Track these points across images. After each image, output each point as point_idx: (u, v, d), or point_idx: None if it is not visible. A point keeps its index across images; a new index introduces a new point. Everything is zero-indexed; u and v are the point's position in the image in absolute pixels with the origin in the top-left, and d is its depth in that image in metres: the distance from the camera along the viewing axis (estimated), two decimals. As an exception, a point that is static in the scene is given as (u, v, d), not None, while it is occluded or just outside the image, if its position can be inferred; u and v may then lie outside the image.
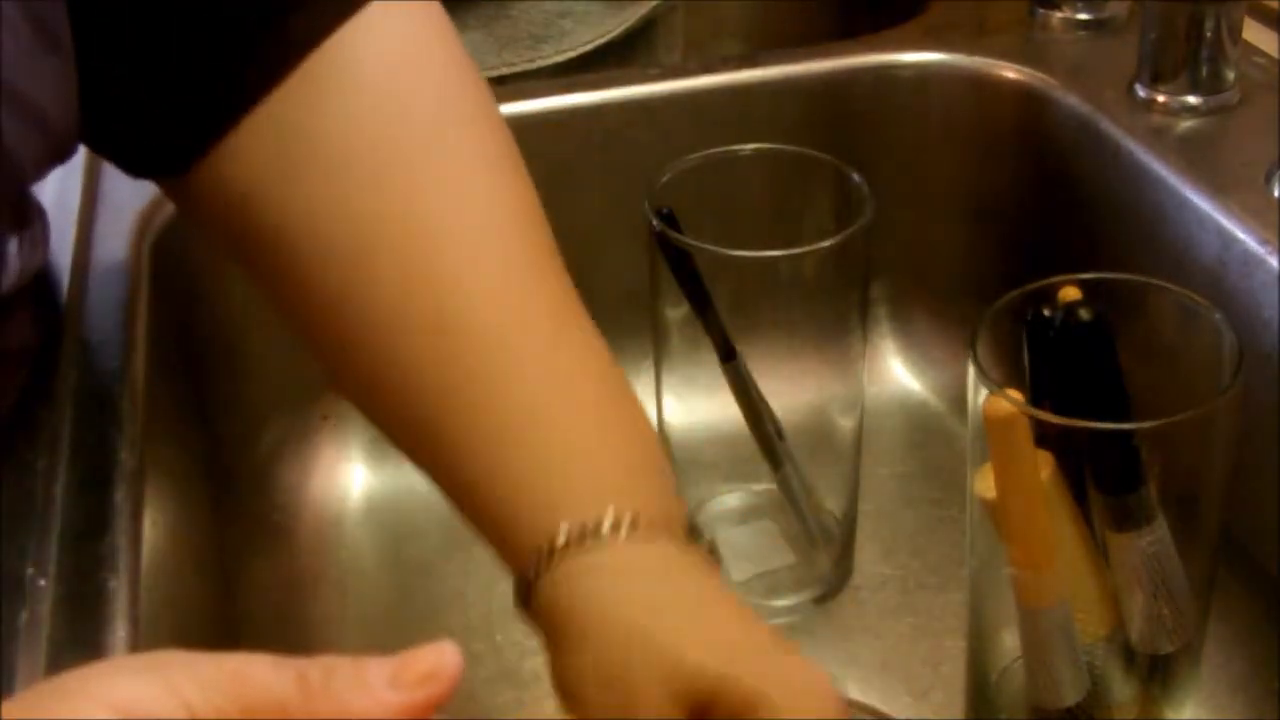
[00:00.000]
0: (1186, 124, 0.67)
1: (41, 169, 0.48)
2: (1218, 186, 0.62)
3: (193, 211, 0.52)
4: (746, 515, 0.68)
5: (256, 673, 0.31)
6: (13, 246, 0.47)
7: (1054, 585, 0.49)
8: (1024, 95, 0.73)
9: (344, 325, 0.48)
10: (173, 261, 0.65)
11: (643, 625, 0.42)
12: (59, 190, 0.64)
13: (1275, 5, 0.75)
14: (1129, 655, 0.51)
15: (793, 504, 0.65)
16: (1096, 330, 0.46)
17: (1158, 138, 0.66)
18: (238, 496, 0.71)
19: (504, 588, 0.67)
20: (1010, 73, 0.74)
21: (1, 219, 0.46)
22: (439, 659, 0.34)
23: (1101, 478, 0.48)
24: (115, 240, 0.63)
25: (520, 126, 0.72)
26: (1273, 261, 0.58)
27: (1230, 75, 0.68)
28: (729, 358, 0.61)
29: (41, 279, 0.58)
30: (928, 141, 0.76)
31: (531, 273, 0.48)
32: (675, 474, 0.65)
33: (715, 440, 0.64)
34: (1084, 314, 0.46)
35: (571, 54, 0.85)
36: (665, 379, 0.63)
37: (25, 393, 0.52)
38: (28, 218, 0.49)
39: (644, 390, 0.65)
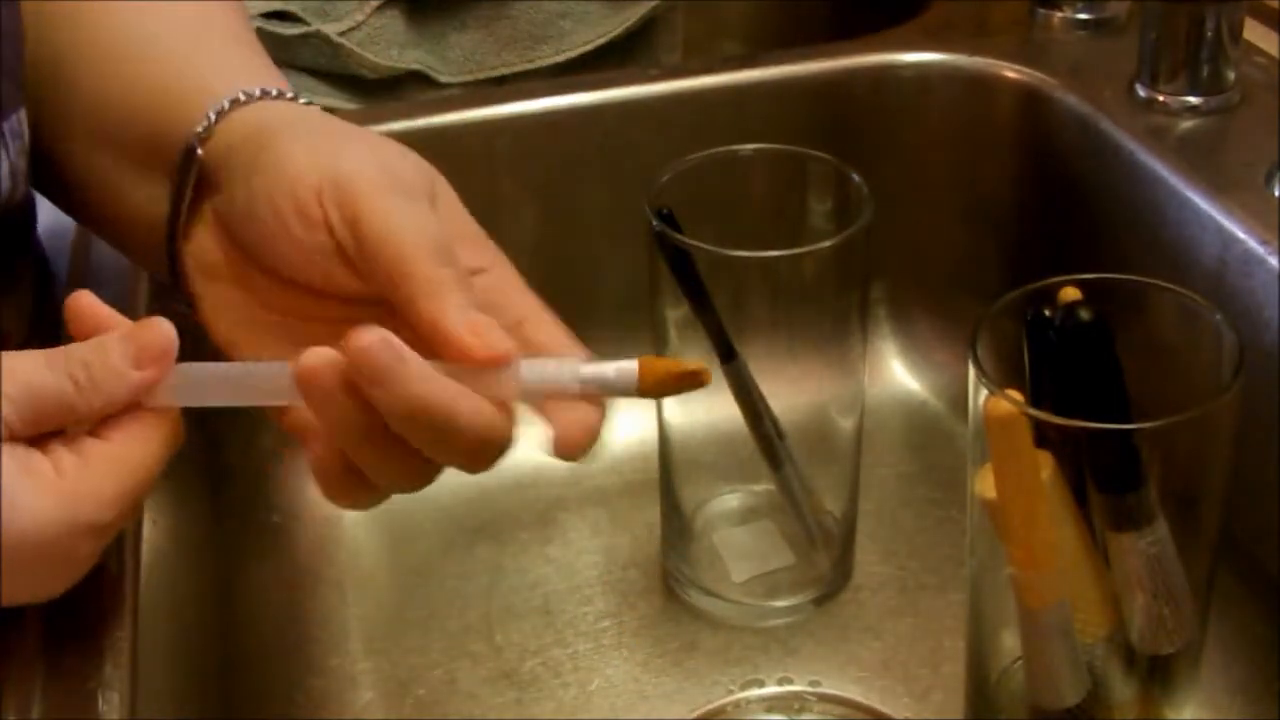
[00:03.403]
0: (1186, 124, 0.67)
1: None
2: (1218, 186, 0.62)
3: None
4: (746, 515, 0.68)
5: (38, 379, 0.40)
6: None
7: (1054, 585, 0.49)
8: (1024, 95, 0.73)
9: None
10: (173, 261, 0.65)
11: (354, 133, 0.46)
12: (59, 190, 0.64)
13: (1275, 5, 0.75)
14: (1129, 656, 0.51)
15: (792, 504, 0.65)
16: (1096, 330, 0.46)
17: (1158, 138, 0.66)
18: (237, 496, 0.71)
19: (504, 588, 0.68)
20: (1010, 73, 0.74)
21: None
22: (158, 337, 0.42)
23: (1101, 478, 0.48)
24: (115, 240, 0.63)
25: (520, 126, 0.73)
26: (1273, 261, 0.58)
27: (1230, 75, 0.68)
28: (729, 358, 0.61)
29: (41, 278, 0.58)
30: (928, 141, 0.76)
31: None
32: (675, 474, 0.65)
33: (715, 440, 0.64)
34: (1084, 314, 0.46)
35: (571, 54, 0.85)
36: (665, 379, 0.63)
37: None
38: None
39: (644, 390, 0.65)
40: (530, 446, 0.43)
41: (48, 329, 0.56)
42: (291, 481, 0.72)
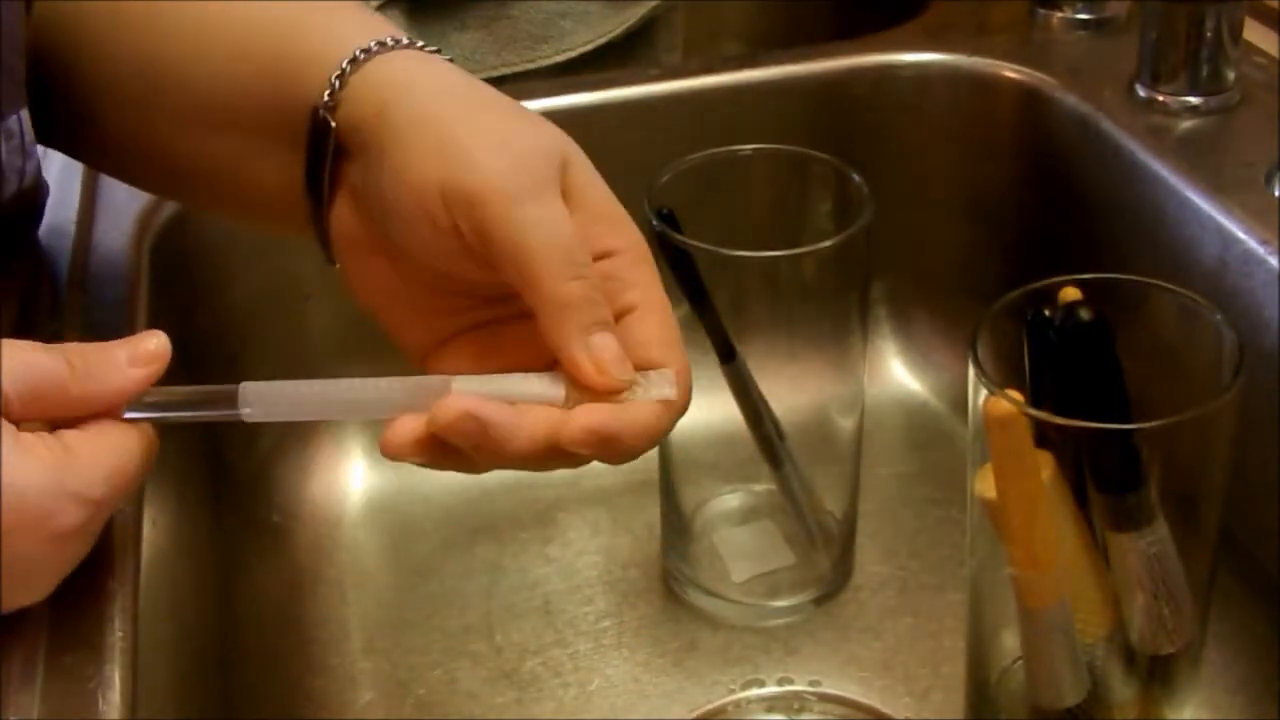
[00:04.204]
0: (1186, 124, 0.67)
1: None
2: (1218, 186, 0.62)
3: None
4: (746, 515, 0.68)
5: (37, 361, 0.41)
6: None
7: (1054, 585, 0.49)
8: (1024, 95, 0.73)
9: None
10: (173, 261, 0.65)
11: (480, 106, 0.46)
12: (59, 190, 0.64)
13: (1275, 5, 0.75)
14: (1129, 656, 0.51)
15: (793, 504, 0.65)
16: (1096, 330, 0.46)
17: (1158, 138, 0.66)
18: (238, 496, 0.71)
19: (504, 587, 0.68)
20: (1010, 73, 0.74)
21: None
22: (157, 344, 0.43)
23: (1101, 478, 0.48)
24: (115, 240, 0.63)
25: (520, 126, 0.73)
26: (1273, 261, 0.58)
27: (1230, 75, 0.68)
28: (729, 358, 0.61)
29: (41, 277, 0.58)
30: (928, 141, 0.76)
31: None
32: (675, 474, 0.65)
33: (715, 440, 0.64)
34: (1084, 314, 0.46)
35: (571, 54, 0.85)
36: (665, 379, 0.63)
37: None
38: None
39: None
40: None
41: (42, 330, 0.56)
42: (291, 481, 0.73)
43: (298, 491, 0.72)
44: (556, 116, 0.73)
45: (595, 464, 0.45)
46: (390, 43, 0.47)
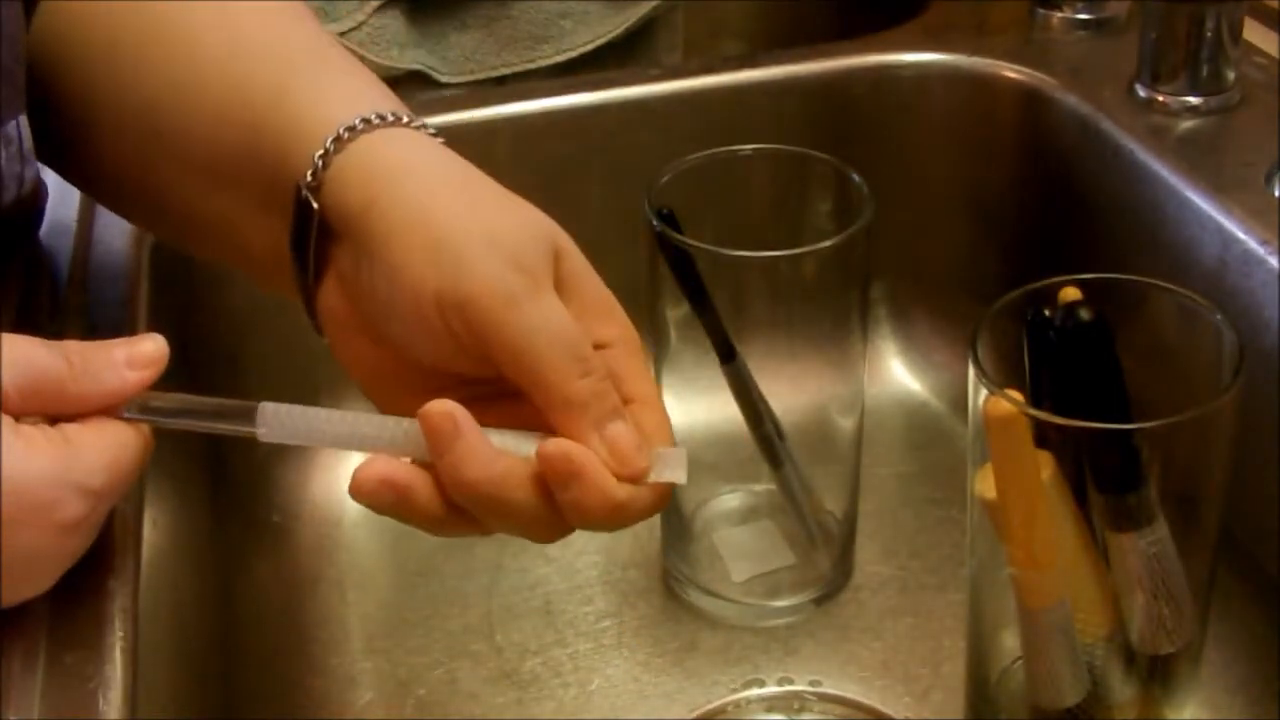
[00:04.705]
0: (1186, 124, 0.67)
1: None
2: (1218, 186, 0.62)
3: None
4: (746, 515, 0.68)
5: (36, 356, 0.42)
6: None
7: (1054, 585, 0.49)
8: (1024, 95, 0.73)
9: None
10: (173, 262, 0.65)
11: (469, 201, 0.45)
12: (59, 190, 0.64)
13: (1275, 5, 0.75)
14: (1129, 656, 0.51)
15: (793, 504, 0.65)
16: (1096, 330, 0.46)
17: (1158, 138, 0.66)
18: (238, 497, 0.71)
19: (504, 587, 0.68)
20: (1010, 73, 0.74)
21: None
22: (155, 347, 0.43)
23: (1101, 478, 0.48)
24: (115, 240, 0.63)
25: (520, 126, 0.73)
26: (1273, 261, 0.58)
27: (1230, 75, 0.68)
28: (729, 358, 0.61)
29: (41, 277, 0.58)
30: (928, 141, 0.76)
31: None
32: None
33: (715, 440, 0.64)
34: (1084, 314, 0.46)
35: (571, 54, 0.85)
36: (665, 379, 0.63)
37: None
38: None
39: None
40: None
41: (42, 330, 0.56)
42: (291, 481, 0.73)
43: (298, 491, 0.72)
44: (556, 116, 0.74)
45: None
46: (375, 119, 0.46)
